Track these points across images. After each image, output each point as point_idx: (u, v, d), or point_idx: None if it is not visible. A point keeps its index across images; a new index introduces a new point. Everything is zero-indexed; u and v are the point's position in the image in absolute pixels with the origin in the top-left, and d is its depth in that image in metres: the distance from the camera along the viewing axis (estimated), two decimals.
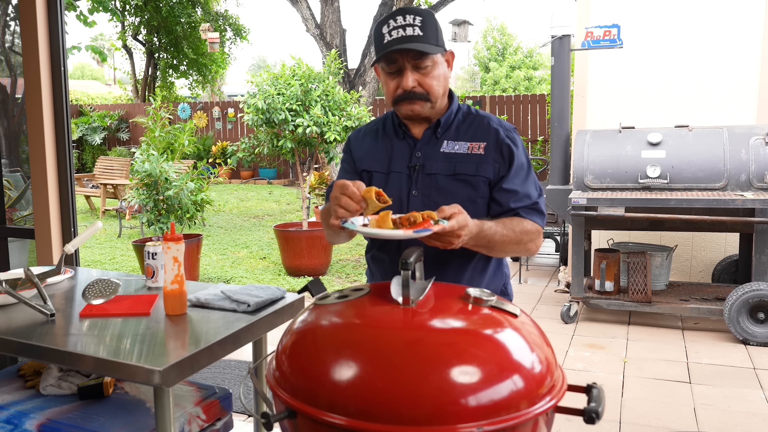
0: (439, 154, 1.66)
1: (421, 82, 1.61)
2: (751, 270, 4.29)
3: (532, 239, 1.65)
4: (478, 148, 1.64)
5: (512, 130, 1.69)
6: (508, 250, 1.63)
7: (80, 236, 2.15)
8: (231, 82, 30.88)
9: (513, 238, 1.59)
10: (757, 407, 3.21)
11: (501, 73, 25.96)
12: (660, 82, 5.26)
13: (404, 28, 1.56)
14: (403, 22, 1.57)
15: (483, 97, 13.43)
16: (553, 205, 4.92)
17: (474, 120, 1.70)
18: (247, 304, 1.82)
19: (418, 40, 1.56)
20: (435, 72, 1.61)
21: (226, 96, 24.91)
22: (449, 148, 1.66)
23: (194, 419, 1.81)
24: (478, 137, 1.66)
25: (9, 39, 3.55)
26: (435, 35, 1.59)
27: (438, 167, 1.64)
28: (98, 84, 35.42)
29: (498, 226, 1.57)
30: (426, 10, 1.62)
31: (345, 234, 1.59)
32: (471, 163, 1.63)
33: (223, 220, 9.66)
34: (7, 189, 3.45)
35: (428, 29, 1.57)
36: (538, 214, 1.66)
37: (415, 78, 1.60)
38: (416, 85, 1.60)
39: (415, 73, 1.60)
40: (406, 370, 1.02)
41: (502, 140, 1.65)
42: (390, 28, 1.58)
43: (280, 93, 5.93)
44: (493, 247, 1.57)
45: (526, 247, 1.65)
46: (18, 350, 1.64)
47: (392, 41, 1.57)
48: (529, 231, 1.63)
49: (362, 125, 1.90)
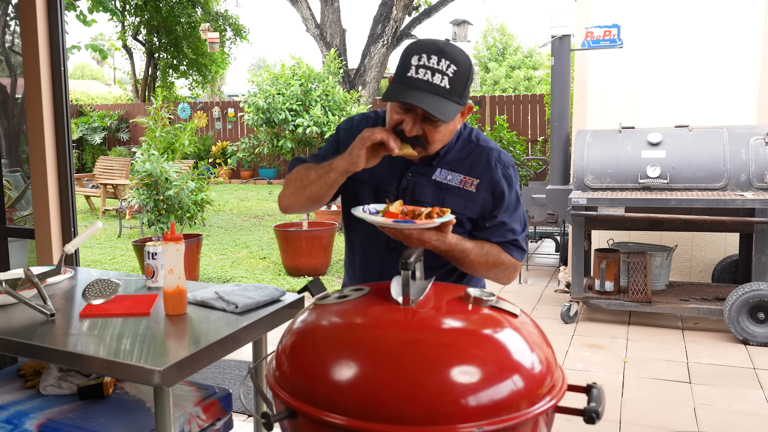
0: (430, 181, 1.59)
1: (427, 132, 1.48)
2: (751, 270, 4.29)
3: (505, 273, 1.63)
4: (470, 184, 1.58)
5: (510, 166, 1.63)
6: (478, 272, 1.62)
7: (80, 236, 2.15)
8: (231, 82, 30.89)
9: (484, 264, 1.58)
10: (757, 407, 3.21)
11: (501, 73, 25.97)
12: (660, 82, 5.26)
13: (433, 72, 1.41)
14: (436, 65, 1.41)
15: (483, 97, 13.43)
16: (553, 205, 4.91)
17: (473, 151, 1.62)
18: (235, 305, 1.81)
19: (441, 94, 1.42)
20: (445, 128, 1.49)
21: (226, 96, 24.92)
22: (442, 176, 1.59)
23: (194, 419, 1.81)
24: (473, 172, 1.59)
25: (9, 39, 3.55)
26: (462, 90, 1.45)
27: (427, 195, 1.59)
28: (98, 84, 35.43)
29: (476, 247, 1.56)
30: (464, 58, 1.46)
31: (311, 192, 1.57)
32: (460, 199, 1.58)
33: (223, 220, 9.66)
34: (7, 189, 3.45)
35: (458, 83, 1.43)
36: (518, 251, 1.64)
37: (422, 127, 1.47)
38: (421, 133, 1.48)
39: (425, 124, 1.47)
40: (407, 370, 1.02)
41: (497, 181, 1.59)
42: (420, 63, 1.42)
43: (280, 93, 5.93)
44: (462, 263, 1.56)
45: (496, 277, 1.64)
46: (18, 350, 1.64)
47: (415, 81, 1.42)
48: (504, 264, 1.61)
49: (356, 114, 1.79)
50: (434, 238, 1.43)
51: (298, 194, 1.61)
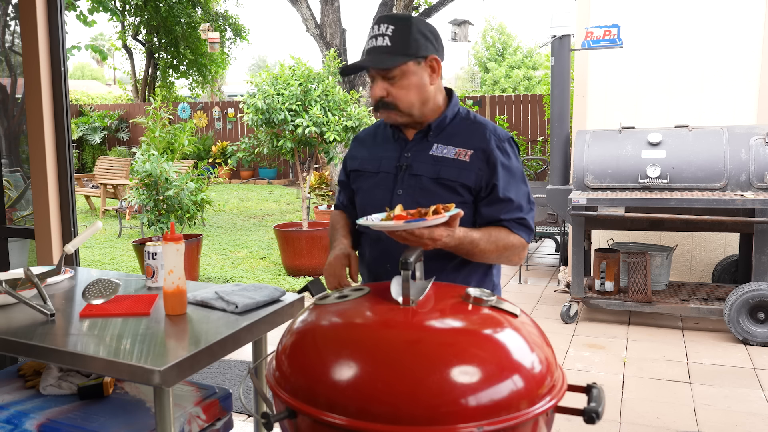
0: (427, 156, 1.66)
1: (390, 91, 1.61)
2: (751, 270, 4.29)
3: (515, 253, 1.65)
4: (464, 155, 1.63)
5: (507, 140, 1.68)
6: (490, 259, 1.65)
7: (80, 236, 2.15)
8: (231, 82, 30.87)
9: (495, 250, 1.61)
10: (757, 407, 3.21)
11: (500, 73, 25.96)
12: (660, 82, 5.26)
13: (376, 38, 1.59)
14: (377, 31, 1.59)
15: (483, 97, 13.42)
16: (553, 205, 4.91)
17: (469, 126, 1.69)
18: (235, 305, 1.81)
19: (384, 51, 1.57)
20: (404, 81, 1.60)
21: (226, 96, 24.91)
22: (438, 151, 1.66)
23: (194, 419, 1.81)
24: (467, 144, 1.65)
25: (9, 39, 3.55)
26: (406, 44, 1.58)
27: (424, 169, 1.65)
28: (98, 84, 35.41)
29: (484, 236, 1.58)
30: (403, 18, 1.61)
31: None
32: (454, 169, 1.63)
33: (223, 220, 9.66)
34: (7, 189, 3.45)
35: (399, 39, 1.57)
36: (526, 230, 1.65)
37: (384, 87, 1.61)
38: (385, 94, 1.61)
39: (385, 83, 1.61)
40: (406, 370, 1.02)
41: (491, 150, 1.63)
42: (369, 36, 1.62)
43: (280, 93, 5.92)
44: (473, 254, 1.59)
45: (509, 260, 1.67)
46: (18, 350, 1.64)
47: (365, 51, 1.62)
48: (514, 245, 1.63)
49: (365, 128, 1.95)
50: (444, 234, 1.44)
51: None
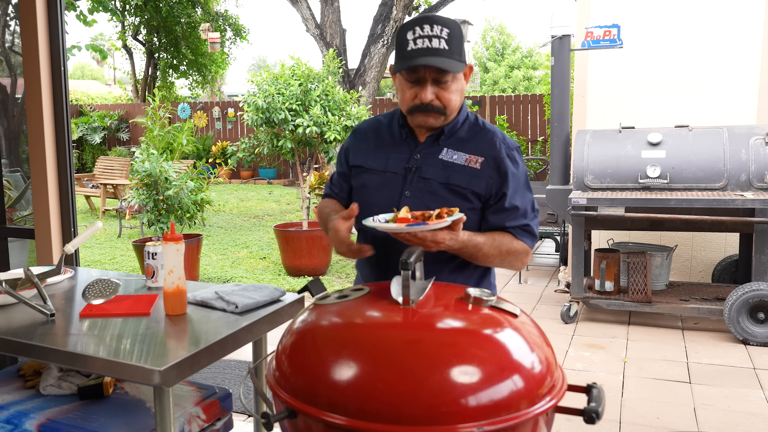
0: (437, 160, 1.65)
1: (440, 96, 1.59)
2: (751, 270, 4.29)
3: (518, 258, 1.67)
4: (475, 162, 1.64)
5: (514, 149, 1.69)
6: (493, 263, 1.66)
7: (80, 236, 2.15)
8: (231, 82, 30.87)
9: (498, 255, 1.63)
10: (757, 407, 3.21)
11: (500, 73, 25.95)
12: (660, 82, 5.26)
13: (430, 39, 1.53)
14: (430, 32, 1.53)
15: (483, 97, 13.43)
16: (553, 205, 4.91)
17: (479, 133, 1.69)
18: (235, 305, 1.81)
19: (443, 54, 1.53)
20: (454, 86, 1.60)
21: (226, 96, 24.91)
22: (448, 156, 1.65)
23: (194, 419, 1.81)
24: (478, 151, 1.65)
25: (9, 39, 3.55)
26: (459, 49, 1.56)
27: (433, 173, 1.64)
28: (98, 84, 35.41)
29: (488, 240, 1.60)
30: (453, 22, 1.59)
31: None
32: (465, 175, 1.63)
33: (223, 220, 9.66)
34: (7, 189, 3.45)
35: (454, 43, 1.55)
36: (529, 236, 1.68)
37: (434, 91, 1.58)
38: (435, 98, 1.59)
39: (435, 87, 1.58)
40: (406, 370, 1.02)
41: (501, 159, 1.64)
42: (415, 35, 1.54)
43: (280, 93, 5.93)
44: (477, 257, 1.61)
45: (511, 264, 1.69)
46: (18, 350, 1.64)
47: (417, 51, 1.53)
48: (517, 251, 1.66)
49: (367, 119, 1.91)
50: (447, 237, 1.45)
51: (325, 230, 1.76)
